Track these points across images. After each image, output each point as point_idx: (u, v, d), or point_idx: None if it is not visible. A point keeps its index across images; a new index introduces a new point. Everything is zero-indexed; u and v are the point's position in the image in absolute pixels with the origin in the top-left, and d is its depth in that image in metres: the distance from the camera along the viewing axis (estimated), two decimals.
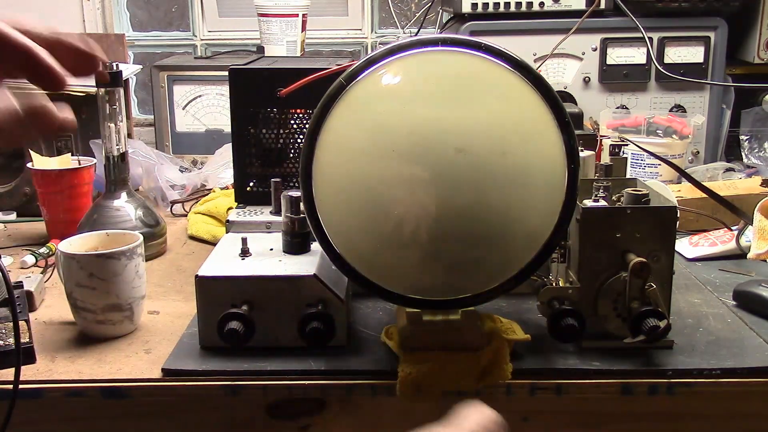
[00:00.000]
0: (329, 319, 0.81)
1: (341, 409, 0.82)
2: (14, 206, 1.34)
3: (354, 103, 0.74)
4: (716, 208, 1.15)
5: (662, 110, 1.49)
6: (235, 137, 1.05)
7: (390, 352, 0.83)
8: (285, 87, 0.94)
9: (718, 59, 1.50)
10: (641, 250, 0.81)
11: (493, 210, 0.71)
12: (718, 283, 1.03)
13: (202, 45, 1.96)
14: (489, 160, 0.70)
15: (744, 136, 1.52)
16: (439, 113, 0.71)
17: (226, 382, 0.80)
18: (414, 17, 1.96)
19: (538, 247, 0.75)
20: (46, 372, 0.82)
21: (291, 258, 0.88)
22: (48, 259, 1.13)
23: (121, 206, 1.14)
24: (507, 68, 0.74)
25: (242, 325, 0.80)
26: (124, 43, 1.59)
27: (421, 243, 0.72)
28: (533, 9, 1.49)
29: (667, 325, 0.78)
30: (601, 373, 0.81)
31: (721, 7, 1.47)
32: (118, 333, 0.89)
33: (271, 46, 1.65)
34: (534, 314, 0.90)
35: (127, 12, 1.95)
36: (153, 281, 1.05)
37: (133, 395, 0.80)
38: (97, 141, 1.31)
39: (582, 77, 1.51)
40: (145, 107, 1.96)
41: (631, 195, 0.84)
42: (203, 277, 0.83)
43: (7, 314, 0.81)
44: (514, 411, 0.82)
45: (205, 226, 1.24)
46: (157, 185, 1.38)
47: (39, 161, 1.21)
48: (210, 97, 1.59)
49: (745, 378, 0.81)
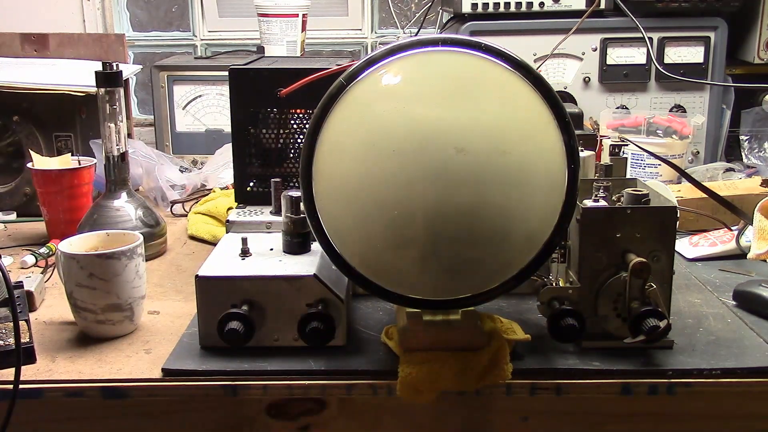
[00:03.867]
0: (329, 319, 0.81)
1: (341, 409, 0.82)
2: (14, 206, 1.34)
3: (354, 103, 0.74)
4: (716, 208, 1.15)
5: (662, 110, 1.49)
6: (235, 137, 1.05)
7: (390, 352, 0.83)
8: (285, 87, 0.94)
9: (718, 59, 1.50)
10: (641, 250, 0.81)
11: (493, 210, 0.71)
12: (718, 283, 1.03)
13: (202, 45, 1.96)
14: (489, 160, 0.70)
15: (744, 136, 1.52)
16: (439, 113, 0.71)
17: (226, 382, 0.80)
18: (414, 17, 1.96)
19: (538, 247, 0.75)
20: (46, 372, 0.82)
21: (291, 258, 0.88)
22: (48, 259, 1.13)
23: (121, 206, 1.14)
24: (507, 68, 0.74)
25: (242, 325, 0.80)
26: (124, 43, 1.59)
27: (421, 243, 0.72)
28: (533, 9, 1.49)
29: (667, 325, 0.78)
30: (601, 373, 0.81)
31: (721, 7, 1.47)
32: (118, 333, 0.89)
33: (271, 46, 1.65)
34: (534, 314, 0.90)
35: (127, 12, 1.95)
36: (153, 281, 1.05)
37: (133, 395, 0.80)
38: (97, 141, 1.31)
39: (582, 77, 1.51)
40: (145, 107, 1.96)
41: (631, 195, 0.84)
42: (203, 277, 0.83)
43: (8, 314, 0.81)
44: (514, 411, 0.82)
45: (205, 226, 1.24)
46: (157, 185, 1.38)
47: (39, 161, 1.21)
48: (210, 97, 1.59)
49: (745, 378, 0.81)
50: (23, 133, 1.33)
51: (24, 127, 1.33)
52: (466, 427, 0.83)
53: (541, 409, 0.82)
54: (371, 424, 0.82)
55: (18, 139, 1.34)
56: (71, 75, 1.39)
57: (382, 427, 0.83)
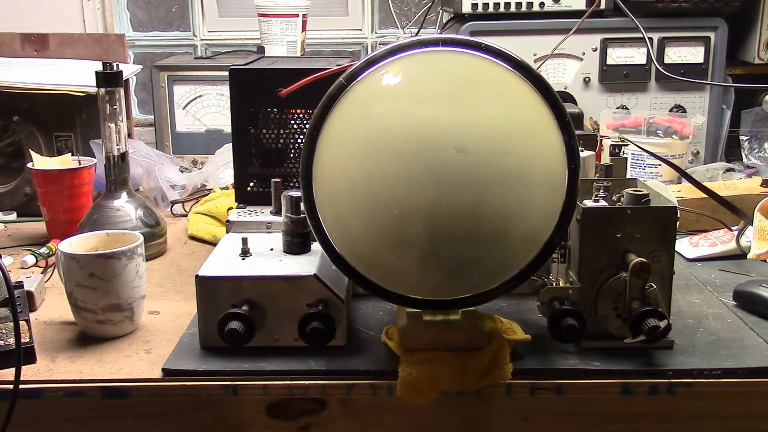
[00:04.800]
0: (329, 319, 0.81)
1: (341, 409, 0.82)
2: (14, 206, 1.34)
3: (354, 103, 0.74)
4: (716, 208, 1.15)
5: (662, 110, 1.49)
6: (235, 137, 1.05)
7: (390, 352, 0.83)
8: (285, 87, 0.94)
9: (718, 59, 1.50)
10: (641, 250, 0.81)
11: (493, 210, 0.71)
12: (718, 283, 1.03)
13: (202, 45, 1.96)
14: (489, 160, 0.70)
15: (744, 137, 1.52)
16: (439, 113, 0.71)
17: (226, 382, 0.80)
18: (414, 17, 1.96)
19: (538, 247, 0.75)
20: (47, 372, 0.82)
21: (291, 258, 0.88)
22: (48, 259, 1.13)
23: (121, 206, 1.14)
24: (507, 68, 0.74)
25: (242, 325, 0.80)
26: (124, 43, 1.59)
27: (422, 243, 0.72)
28: (533, 9, 1.49)
29: (668, 326, 0.78)
30: (601, 373, 0.81)
31: (721, 7, 1.47)
32: (118, 333, 0.89)
33: (271, 46, 1.66)
34: (534, 314, 0.90)
35: (127, 12, 1.95)
36: (153, 281, 1.05)
37: (133, 395, 0.80)
38: (97, 141, 1.31)
39: (582, 77, 1.51)
40: (145, 107, 1.96)
41: (631, 195, 0.84)
42: (203, 277, 0.83)
43: (8, 314, 0.81)
44: (514, 411, 0.82)
45: (206, 226, 1.24)
46: (157, 185, 1.38)
47: (39, 161, 1.21)
48: (210, 97, 1.59)
49: (745, 378, 0.81)
50: (23, 133, 1.33)
51: (24, 127, 1.33)
52: (466, 427, 0.83)
53: (541, 409, 0.82)
54: (371, 424, 0.82)
55: (18, 139, 1.34)
56: (71, 75, 1.39)
57: (382, 427, 0.83)
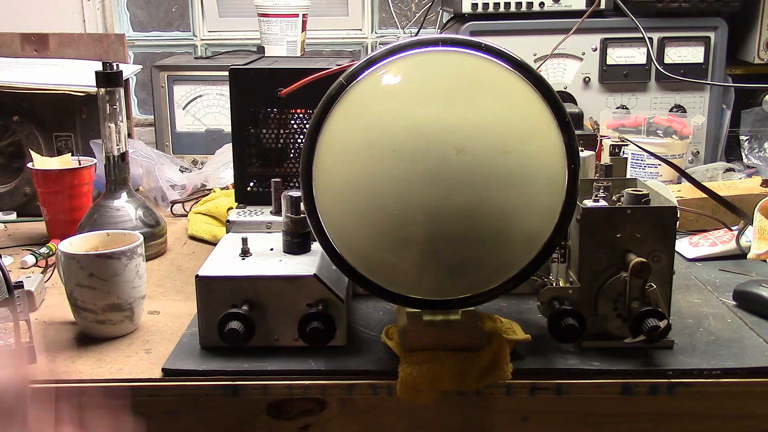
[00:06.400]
0: (329, 319, 0.81)
1: (341, 409, 0.82)
2: (14, 206, 1.34)
3: (354, 103, 0.74)
4: (716, 208, 1.15)
5: (662, 110, 1.49)
6: (235, 137, 1.05)
7: (390, 352, 0.83)
8: (285, 87, 0.94)
9: (718, 59, 1.50)
10: (641, 250, 0.81)
11: (493, 210, 0.71)
12: (718, 283, 1.03)
13: (202, 45, 1.96)
14: (489, 160, 0.70)
15: (744, 136, 1.52)
16: (439, 113, 0.71)
17: (226, 382, 0.80)
18: (414, 17, 1.96)
19: (538, 247, 0.75)
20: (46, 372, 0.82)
21: (291, 258, 0.88)
22: (48, 259, 1.13)
23: (121, 206, 1.14)
24: (507, 68, 0.74)
25: (242, 325, 0.80)
26: (124, 43, 1.59)
27: (422, 243, 0.72)
28: (533, 9, 1.49)
29: (667, 325, 0.78)
30: (601, 373, 0.81)
31: (721, 7, 1.47)
32: (118, 333, 0.89)
33: (271, 46, 1.65)
34: (534, 314, 0.90)
35: (127, 12, 1.95)
36: (153, 281, 1.05)
37: (133, 395, 0.80)
38: (97, 141, 1.31)
39: (582, 77, 1.51)
40: (145, 107, 1.96)
41: (631, 195, 0.84)
42: (203, 277, 0.83)
43: (8, 314, 0.81)
44: (514, 411, 0.82)
45: (206, 226, 1.24)
46: (157, 185, 1.38)
47: (39, 161, 1.22)
48: (210, 97, 1.59)
49: (745, 378, 0.81)
50: (23, 133, 1.33)
51: (24, 127, 1.33)
52: (466, 427, 0.83)
53: (541, 409, 0.82)
54: (371, 424, 0.82)
55: (18, 139, 1.34)
56: (71, 75, 1.39)
57: (382, 427, 0.83)
